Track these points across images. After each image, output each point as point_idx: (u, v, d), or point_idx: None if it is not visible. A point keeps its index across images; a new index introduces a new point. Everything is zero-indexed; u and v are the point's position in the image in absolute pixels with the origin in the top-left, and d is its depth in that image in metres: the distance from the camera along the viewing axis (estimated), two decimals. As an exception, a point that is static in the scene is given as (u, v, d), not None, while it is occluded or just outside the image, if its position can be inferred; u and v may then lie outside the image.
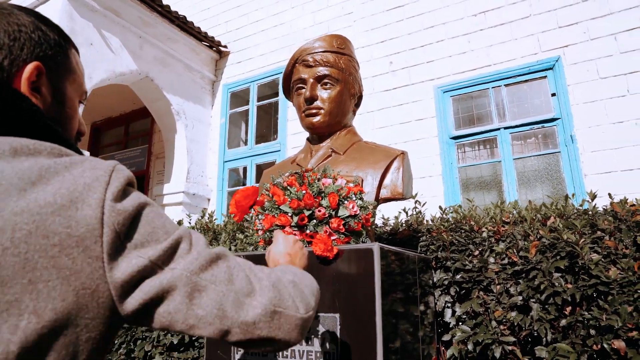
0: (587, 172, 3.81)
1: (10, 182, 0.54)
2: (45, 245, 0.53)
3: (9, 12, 0.70)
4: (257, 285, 0.67)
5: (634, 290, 1.66)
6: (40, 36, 0.72)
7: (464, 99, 4.69)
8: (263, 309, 0.64)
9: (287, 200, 1.73)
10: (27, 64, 0.69)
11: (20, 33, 0.69)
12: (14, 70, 0.68)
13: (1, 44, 0.67)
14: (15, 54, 0.68)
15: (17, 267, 0.50)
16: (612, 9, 4.01)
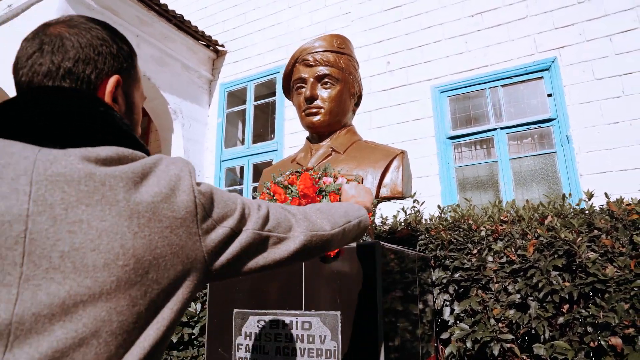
0: (583, 172, 3.84)
1: (127, 177, 0.63)
2: (160, 228, 0.64)
3: (90, 27, 0.75)
4: (293, 220, 0.88)
5: (631, 288, 1.69)
6: (118, 50, 0.78)
7: (461, 99, 4.72)
8: (304, 236, 0.87)
9: (288, 199, 1.74)
10: (109, 77, 0.76)
11: (102, 47, 0.75)
12: (98, 82, 0.74)
13: (89, 58, 0.73)
14: (100, 67, 0.74)
15: (145, 248, 0.61)
16: (608, 10, 4.05)
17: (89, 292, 0.56)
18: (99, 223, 0.58)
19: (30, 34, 0.74)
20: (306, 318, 1.63)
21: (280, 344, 1.65)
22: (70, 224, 0.57)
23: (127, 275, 0.59)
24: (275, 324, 1.68)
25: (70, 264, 0.55)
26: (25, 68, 0.71)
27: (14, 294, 0.53)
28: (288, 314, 1.67)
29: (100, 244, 0.58)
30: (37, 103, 0.65)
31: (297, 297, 1.67)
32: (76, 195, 0.58)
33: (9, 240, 0.54)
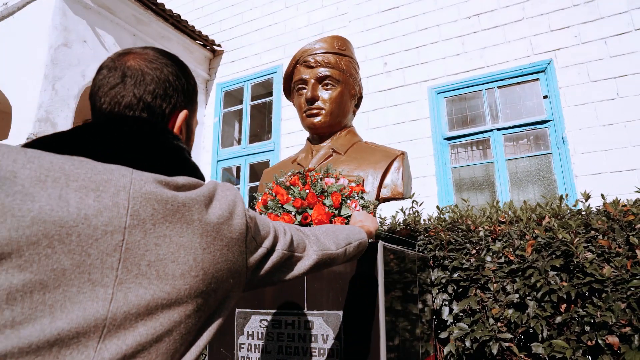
0: (578, 173, 3.88)
1: (199, 201, 0.73)
2: (221, 246, 0.74)
3: (166, 63, 0.83)
4: (307, 241, 1.00)
5: (627, 287, 1.71)
6: (187, 86, 0.86)
7: (458, 100, 4.75)
8: (316, 255, 1.00)
9: (290, 199, 1.76)
10: (179, 111, 0.84)
11: (176, 83, 0.83)
12: (170, 116, 0.83)
13: (165, 94, 0.81)
14: (173, 102, 0.83)
15: (210, 262, 0.71)
16: (602, 13, 4.10)
17: (168, 297, 0.65)
18: (178, 238, 0.68)
19: (109, 62, 0.80)
20: (308, 317, 1.64)
21: (283, 343, 1.67)
22: (157, 237, 0.66)
23: (197, 284, 0.69)
24: (278, 324, 1.70)
25: (155, 272, 0.65)
26: (108, 97, 0.78)
27: (109, 294, 0.60)
28: (290, 314, 1.68)
29: (179, 257, 0.67)
30: (124, 132, 0.73)
31: (299, 297, 1.68)
32: (163, 213, 0.67)
33: (109, 247, 0.61)
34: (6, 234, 0.55)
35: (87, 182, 0.63)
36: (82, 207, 0.61)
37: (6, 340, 0.53)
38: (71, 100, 4.80)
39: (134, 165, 0.69)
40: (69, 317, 0.57)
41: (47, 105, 4.56)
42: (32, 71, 4.62)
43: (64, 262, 0.58)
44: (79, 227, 0.60)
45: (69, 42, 4.84)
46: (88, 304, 0.59)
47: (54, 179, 0.61)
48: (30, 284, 0.55)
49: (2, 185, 0.57)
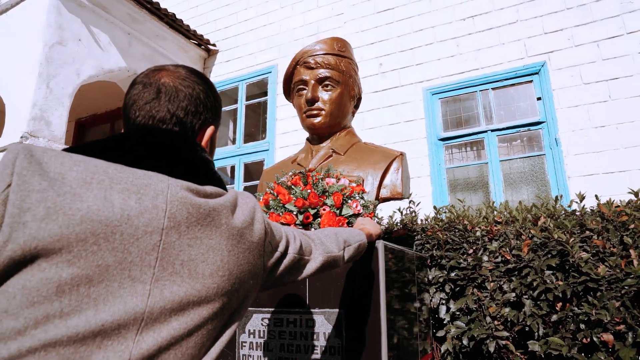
0: (571, 174, 3.94)
1: (226, 207, 0.78)
2: (244, 249, 0.79)
3: (197, 81, 0.88)
4: (312, 245, 1.06)
5: (622, 286, 1.75)
6: (215, 105, 0.91)
7: (452, 101, 4.79)
8: (322, 257, 1.06)
9: (292, 199, 1.77)
10: (207, 127, 0.90)
11: (207, 101, 0.88)
12: (198, 131, 0.88)
13: (196, 111, 0.86)
14: (202, 119, 0.88)
15: (234, 263, 0.77)
16: (595, 17, 4.16)
17: (198, 294, 0.70)
18: (208, 240, 0.74)
19: (144, 78, 0.85)
20: (310, 316, 1.66)
21: (285, 341, 1.69)
22: (190, 239, 0.71)
23: (223, 284, 0.74)
24: (279, 322, 1.71)
25: (187, 271, 0.70)
26: (143, 111, 0.82)
27: (147, 290, 0.65)
28: (292, 312, 1.70)
29: (208, 257, 0.73)
30: (158, 143, 0.78)
31: (301, 295, 1.70)
32: (196, 217, 0.73)
33: (148, 246, 0.67)
34: (58, 231, 0.59)
35: (129, 185, 0.68)
36: (125, 208, 0.65)
37: (56, 329, 0.57)
38: (66, 99, 4.77)
39: (167, 174, 0.75)
40: (111, 310, 0.61)
41: (42, 103, 4.53)
42: (27, 69, 4.58)
43: (108, 259, 0.63)
44: (122, 226, 0.65)
45: (64, 40, 4.81)
46: (128, 298, 0.63)
47: (98, 181, 0.65)
48: (78, 278, 0.60)
49: (53, 186, 0.61)
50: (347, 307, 1.61)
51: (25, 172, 0.61)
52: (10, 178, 0.60)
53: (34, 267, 0.58)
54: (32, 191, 0.60)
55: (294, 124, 5.72)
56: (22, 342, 0.55)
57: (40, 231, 0.58)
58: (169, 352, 0.66)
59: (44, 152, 0.65)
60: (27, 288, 0.57)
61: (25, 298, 0.57)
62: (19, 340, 0.55)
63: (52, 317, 0.57)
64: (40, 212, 0.59)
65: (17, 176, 0.60)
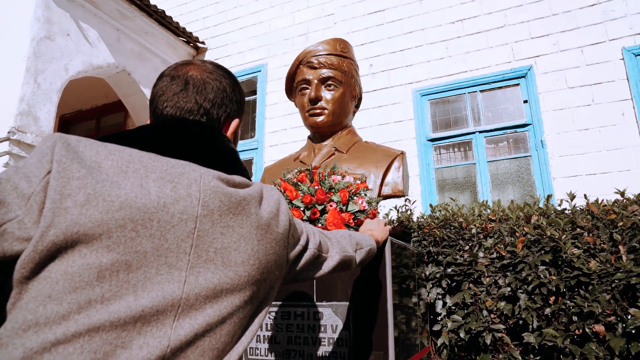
0: (556, 175, 4.07)
1: (254, 198, 0.80)
2: (271, 239, 0.81)
3: (223, 75, 0.90)
4: (329, 243, 1.09)
5: (612, 280, 1.85)
6: (240, 99, 0.94)
7: (441, 102, 4.89)
8: (339, 255, 1.09)
9: (299, 195, 1.82)
10: (233, 119, 0.92)
11: (233, 94, 0.91)
12: (224, 123, 0.90)
13: (223, 103, 0.88)
14: (228, 111, 0.90)
15: (263, 252, 0.78)
16: (579, 24, 4.31)
17: (231, 282, 0.72)
18: (239, 229, 0.75)
19: (171, 71, 0.87)
20: (318, 309, 1.71)
21: (292, 333, 1.73)
22: (223, 227, 0.73)
23: (253, 272, 0.75)
24: (287, 315, 1.75)
25: (220, 258, 0.71)
26: (172, 102, 0.84)
27: (183, 276, 0.67)
28: (300, 305, 1.74)
29: (240, 246, 0.74)
30: (187, 133, 0.79)
31: (308, 288, 1.74)
32: (228, 205, 0.74)
33: (183, 234, 0.68)
34: (98, 217, 0.60)
35: (164, 174, 0.69)
36: (161, 196, 0.67)
37: (97, 314, 0.58)
38: (54, 94, 4.71)
39: (197, 163, 0.76)
40: (150, 295, 0.62)
41: (29, 98, 4.46)
42: (14, 64, 4.51)
43: (146, 245, 0.64)
44: (159, 213, 0.66)
45: (52, 35, 4.74)
46: (165, 284, 0.64)
47: (134, 170, 0.67)
48: (117, 263, 0.61)
49: (92, 173, 0.62)
50: (354, 300, 1.66)
51: (64, 160, 0.61)
52: (50, 165, 0.61)
53: (75, 252, 0.59)
54: (72, 178, 0.61)
55: (283, 123, 5.75)
56: (67, 327, 0.56)
57: (82, 217, 0.59)
58: (204, 339, 0.67)
59: (78, 141, 0.66)
60: (69, 273, 0.58)
61: (68, 283, 0.57)
62: (63, 325, 0.56)
63: (94, 302, 0.58)
64: (81, 198, 0.60)
65: (57, 163, 0.61)
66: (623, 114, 3.93)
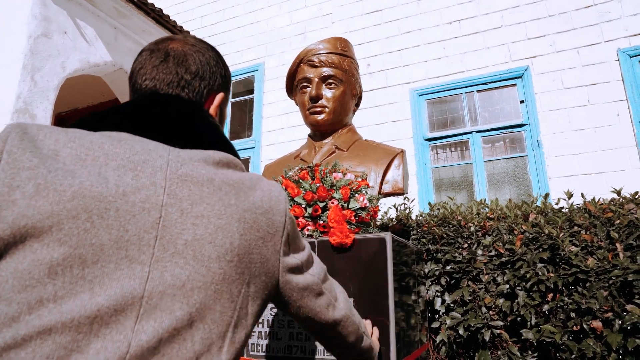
0: (552, 175, 4.11)
1: (237, 186, 0.72)
2: (257, 237, 0.72)
3: (207, 48, 0.86)
4: (338, 290, 0.97)
5: (609, 277, 1.87)
6: (223, 72, 0.88)
7: (438, 102, 4.92)
8: (344, 311, 0.94)
9: (300, 193, 1.83)
10: (216, 93, 0.86)
11: (216, 68, 0.86)
12: (207, 96, 0.84)
13: (205, 75, 0.83)
14: (211, 84, 0.84)
15: (245, 249, 0.69)
16: (575, 25, 4.35)
17: (203, 279, 0.63)
18: (216, 220, 0.67)
19: (151, 45, 0.83)
20: (319, 305, 1.72)
21: (294, 330, 1.74)
22: (194, 217, 0.65)
23: (231, 270, 0.66)
24: (289, 311, 1.76)
25: (191, 252, 0.63)
26: (151, 75, 0.80)
27: (146, 271, 0.60)
28: (301, 302, 1.75)
29: (216, 238, 0.66)
30: (165, 108, 0.74)
31: (310, 285, 1.75)
32: (200, 194, 0.67)
33: (147, 224, 0.61)
34: (48, 208, 0.56)
35: (126, 161, 0.64)
36: (120, 184, 0.61)
37: (50, 315, 0.53)
38: (51, 92, 4.70)
39: (173, 139, 0.71)
40: (107, 293, 0.56)
41: (26, 96, 4.45)
42: (10, 61, 4.49)
43: (102, 237, 0.58)
44: (117, 202, 0.60)
45: (49, 32, 4.73)
46: (125, 280, 0.58)
47: (93, 157, 0.62)
48: (70, 258, 0.56)
49: (45, 163, 0.58)
50: (356, 296, 1.68)
51: (15, 150, 0.58)
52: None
53: (25, 248, 0.54)
54: (22, 169, 0.57)
55: (280, 122, 5.76)
56: (17, 330, 0.51)
57: (30, 209, 0.55)
58: (172, 345, 0.59)
59: (39, 129, 0.62)
60: (19, 271, 0.54)
61: (18, 282, 0.53)
62: (13, 327, 0.51)
63: (45, 302, 0.53)
64: (30, 190, 0.56)
65: (7, 154, 0.57)
66: (618, 115, 3.97)
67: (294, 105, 4.90)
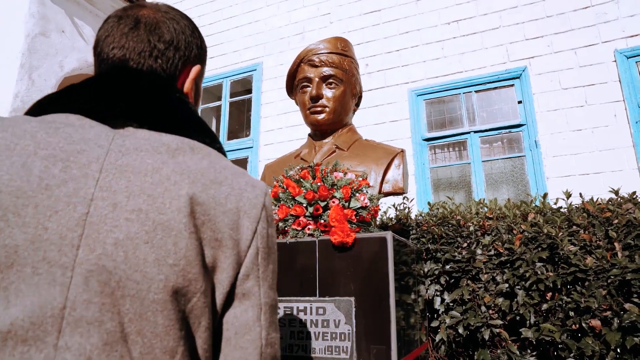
0: (549, 175, 4.13)
1: (194, 177, 0.61)
2: (212, 239, 0.60)
3: (182, 17, 0.78)
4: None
5: (608, 276, 1.89)
6: (199, 43, 0.80)
7: (437, 102, 4.94)
8: None
9: (302, 192, 1.84)
10: (192, 66, 0.78)
11: (192, 37, 0.78)
12: (182, 68, 0.76)
13: (180, 45, 0.75)
14: (187, 55, 0.76)
15: (196, 252, 0.57)
16: (573, 25, 4.37)
17: (137, 287, 0.53)
18: (157, 215, 0.56)
19: (119, 12, 0.74)
20: (320, 304, 1.73)
21: (295, 328, 1.74)
22: (129, 212, 0.55)
23: (175, 276, 0.55)
24: (290, 310, 1.77)
25: (123, 253, 0.54)
26: (120, 43, 0.70)
27: (68, 276, 0.51)
28: (302, 301, 1.76)
29: (155, 237, 0.55)
30: (134, 82, 0.66)
31: (311, 284, 1.76)
32: (140, 186, 0.57)
33: (71, 221, 0.53)
34: None
35: (57, 151, 0.57)
36: (44, 177, 0.54)
37: None
38: (48, 91, 4.68)
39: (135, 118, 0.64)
40: (23, 303, 0.49)
41: (24, 95, 4.44)
42: (8, 60, 4.48)
43: (17, 237, 0.51)
44: (38, 197, 0.53)
45: (47, 31, 4.72)
46: (44, 287, 0.50)
47: (23, 146, 0.56)
48: None
49: None
50: (357, 295, 1.69)
51: None
52: None
53: None
54: None
55: (278, 122, 5.76)
56: None
57: None
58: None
59: None
60: None
61: None
62: None
63: None
64: None
65: None
66: (615, 115, 4.00)
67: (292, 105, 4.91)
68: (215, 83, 6.52)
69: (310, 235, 1.80)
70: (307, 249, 1.78)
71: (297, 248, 1.80)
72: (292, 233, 1.82)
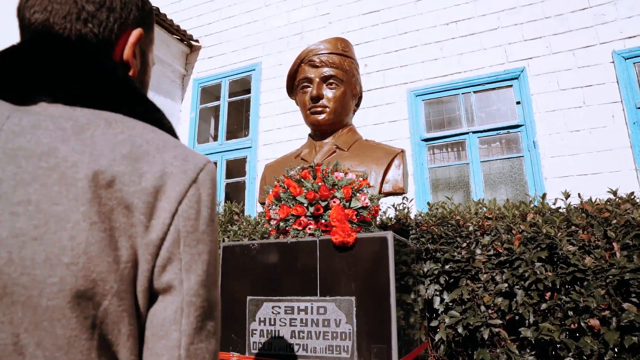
0: (547, 175, 4.15)
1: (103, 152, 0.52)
2: (125, 226, 0.51)
3: None
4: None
5: (606, 276, 1.90)
6: (140, 3, 0.70)
7: (435, 103, 4.95)
8: None
9: (302, 192, 1.84)
10: (132, 29, 0.68)
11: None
12: (120, 33, 0.67)
13: (114, 6, 0.65)
14: (124, 17, 0.67)
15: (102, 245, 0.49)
16: (571, 27, 4.39)
17: (26, 292, 0.45)
18: (50, 206, 0.48)
19: None
20: (321, 303, 1.73)
21: (295, 328, 1.75)
22: (15, 204, 0.47)
23: (73, 277, 0.47)
24: (290, 310, 1.78)
25: (6, 253, 0.46)
26: (42, 5, 0.61)
27: None
28: (303, 300, 1.77)
29: (45, 233, 0.47)
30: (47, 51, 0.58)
31: (312, 284, 1.77)
32: (32, 173, 0.49)
33: None
34: None
35: None
36: None
37: None
38: (47, 90, 4.68)
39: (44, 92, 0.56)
40: None
41: (23, 94, 4.43)
42: (7, 59, 4.47)
43: None
44: None
45: (46, 30, 4.71)
46: None
47: None
48: None
49: None
50: (358, 295, 1.69)
51: None
52: None
53: None
54: None
55: (277, 122, 5.77)
56: None
57: None
58: None
59: None
60: None
61: None
62: None
63: None
64: None
65: None
66: (613, 116, 4.02)
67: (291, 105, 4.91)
68: (214, 83, 6.53)
69: (311, 235, 1.81)
70: (308, 249, 1.79)
71: (298, 248, 1.81)
72: (293, 233, 1.83)
